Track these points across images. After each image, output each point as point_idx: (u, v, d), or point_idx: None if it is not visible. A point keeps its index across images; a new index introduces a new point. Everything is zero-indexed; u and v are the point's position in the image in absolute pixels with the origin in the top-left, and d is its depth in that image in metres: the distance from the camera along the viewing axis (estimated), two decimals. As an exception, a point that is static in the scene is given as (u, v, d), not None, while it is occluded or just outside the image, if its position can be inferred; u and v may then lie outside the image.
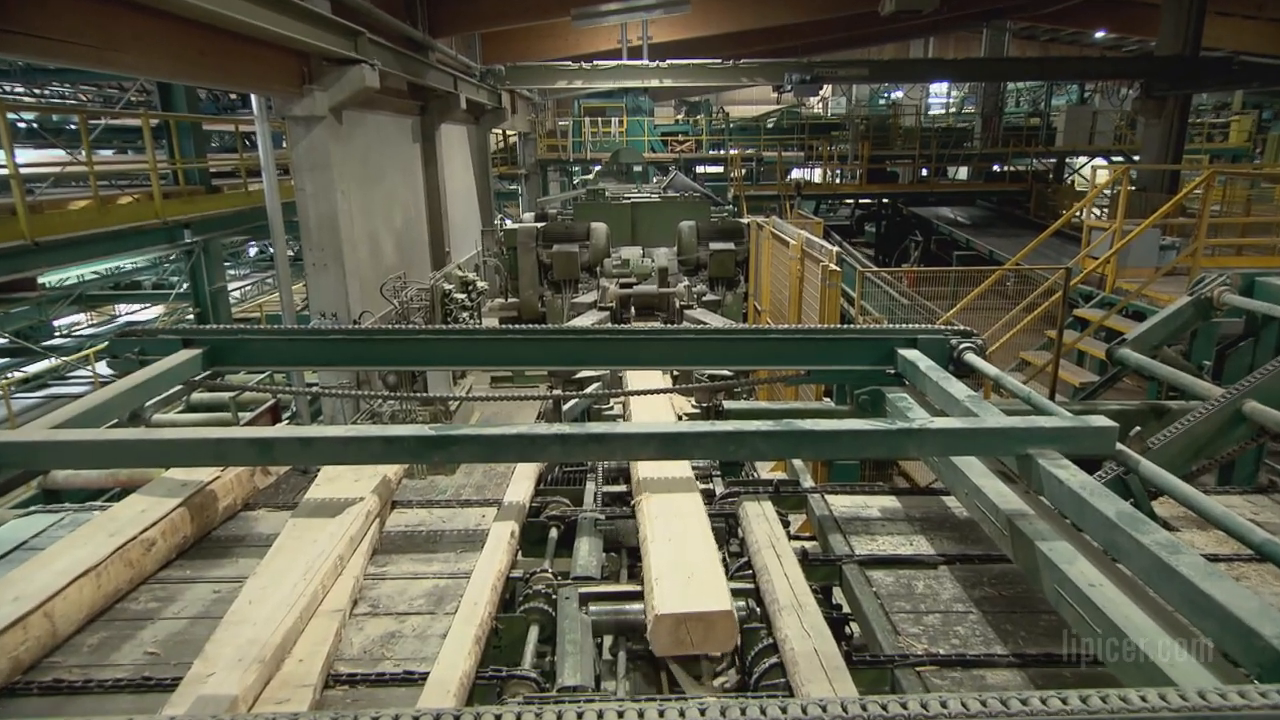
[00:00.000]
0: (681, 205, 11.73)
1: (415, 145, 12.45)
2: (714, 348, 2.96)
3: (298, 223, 8.68)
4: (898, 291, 8.91)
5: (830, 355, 2.92)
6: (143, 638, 2.07)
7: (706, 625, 1.96)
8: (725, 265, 9.89)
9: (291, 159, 8.42)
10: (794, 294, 7.47)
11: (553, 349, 2.95)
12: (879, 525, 2.69)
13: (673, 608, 1.97)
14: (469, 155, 16.57)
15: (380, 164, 10.84)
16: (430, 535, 2.65)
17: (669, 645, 1.96)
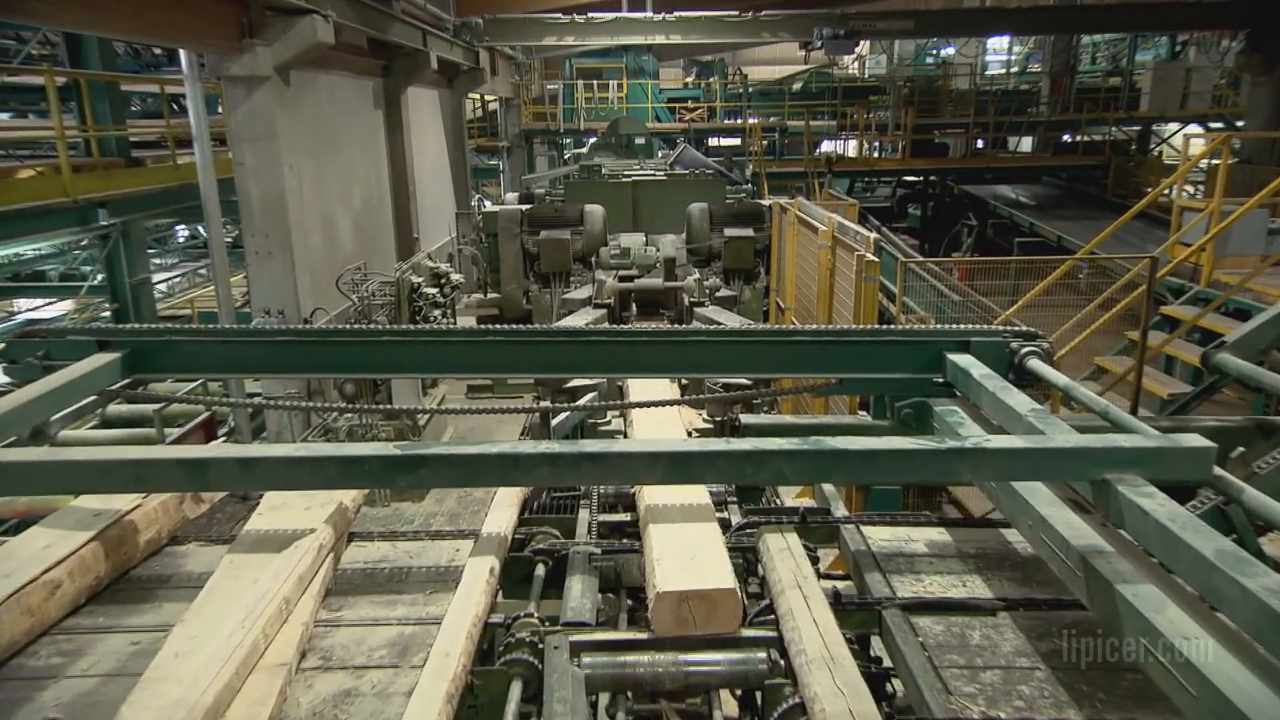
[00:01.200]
0: (691, 184, 11.77)
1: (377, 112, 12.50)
2: (729, 352, 2.96)
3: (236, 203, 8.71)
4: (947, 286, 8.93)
5: (866, 361, 2.92)
6: (43, 700, 2.04)
7: (710, 604, 2.19)
8: (743, 255, 9.91)
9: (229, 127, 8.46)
10: (823, 289, 7.48)
11: (540, 353, 2.95)
12: (926, 563, 2.69)
13: (675, 585, 2.18)
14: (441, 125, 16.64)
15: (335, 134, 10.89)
16: (394, 573, 2.65)
17: (671, 625, 2.18)
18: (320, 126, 10.26)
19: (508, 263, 10.35)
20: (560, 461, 2.21)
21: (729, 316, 6.87)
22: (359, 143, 11.70)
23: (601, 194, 11.20)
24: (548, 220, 10.31)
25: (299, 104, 9.37)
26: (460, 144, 17.48)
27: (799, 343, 2.94)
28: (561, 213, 10.40)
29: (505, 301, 10.50)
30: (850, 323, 6.45)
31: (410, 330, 2.93)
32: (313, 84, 10.03)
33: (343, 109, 11.09)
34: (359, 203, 11.66)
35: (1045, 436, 2.32)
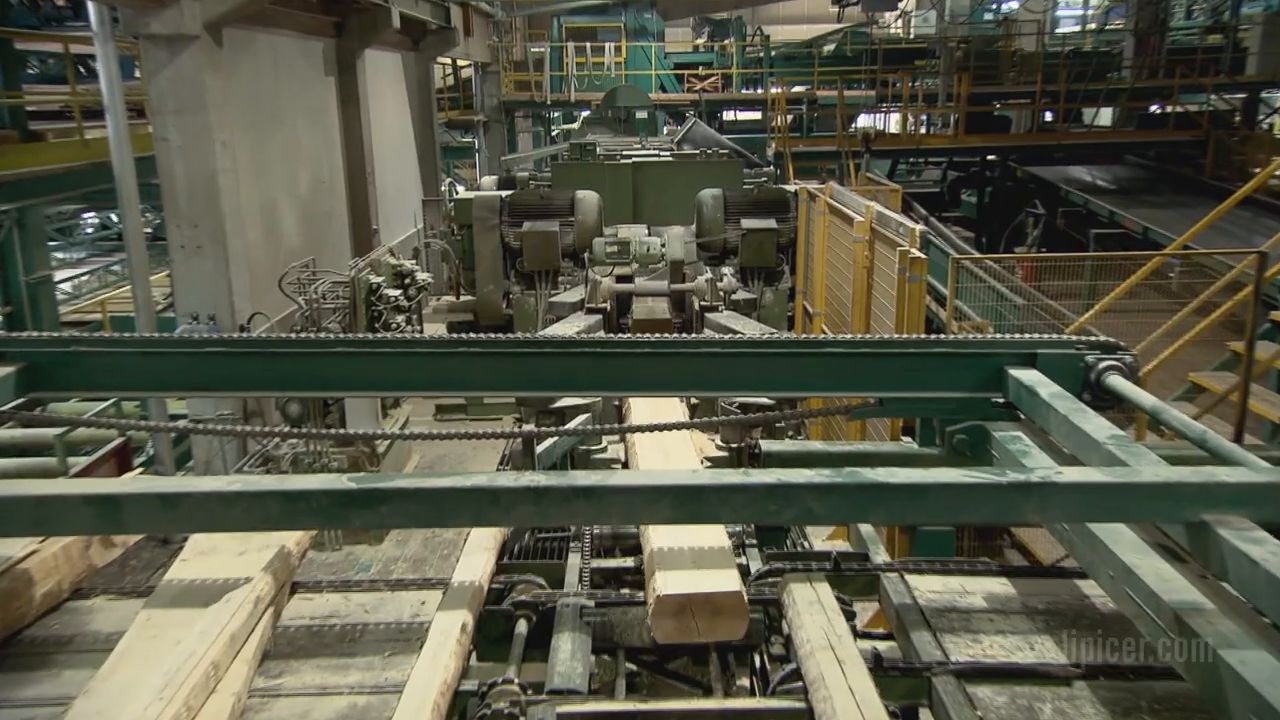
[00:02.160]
0: (703, 166, 11.85)
1: (329, 79, 12.59)
2: (747, 366, 2.96)
3: (158, 186, 8.76)
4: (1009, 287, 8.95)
5: (912, 377, 2.92)
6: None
7: (714, 609, 2.33)
8: (763, 251, 9.96)
9: (149, 96, 8.51)
10: (860, 291, 7.51)
11: (522, 367, 2.95)
12: (985, 620, 2.68)
13: (676, 589, 2.31)
14: (405, 95, 16.76)
15: (278, 104, 10.97)
16: (346, 631, 2.64)
17: (672, 632, 2.32)
18: (260, 96, 10.33)
19: (484, 259, 10.39)
20: (546, 497, 2.21)
21: (747, 324, 6.87)
22: (306, 115, 11.78)
23: (596, 178, 11.27)
24: (532, 209, 10.36)
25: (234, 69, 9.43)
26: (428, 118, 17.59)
27: (830, 355, 2.94)
28: (548, 200, 10.45)
29: (481, 305, 10.54)
30: (892, 331, 6.46)
31: (367, 340, 2.93)
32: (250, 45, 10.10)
33: (287, 75, 11.17)
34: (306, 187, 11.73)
35: (1129, 469, 2.32)
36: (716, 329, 6.66)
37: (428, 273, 10.65)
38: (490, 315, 10.51)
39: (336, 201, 12.84)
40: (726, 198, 10.30)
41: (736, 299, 8.21)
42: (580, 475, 2.24)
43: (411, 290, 9.82)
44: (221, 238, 8.80)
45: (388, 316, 9.24)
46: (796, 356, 2.95)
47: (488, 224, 10.34)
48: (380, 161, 14.22)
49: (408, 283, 9.81)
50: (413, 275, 9.89)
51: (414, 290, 9.86)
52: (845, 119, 20.55)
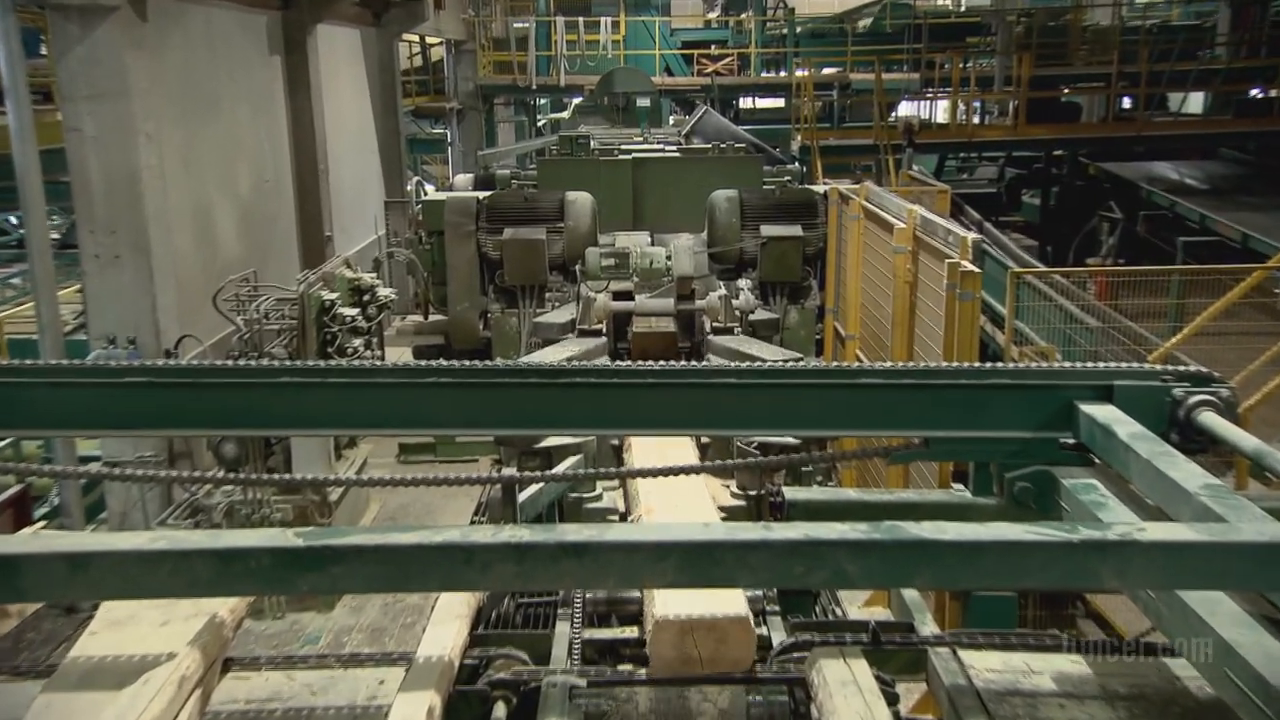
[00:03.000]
0: (716, 163, 11.91)
1: (274, 59, 12.70)
2: (768, 398, 2.96)
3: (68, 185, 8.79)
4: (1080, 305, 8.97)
5: (963, 413, 2.93)
6: None
7: (718, 635, 2.46)
8: (787, 263, 10.00)
9: (58, 78, 8.57)
10: (901, 311, 7.53)
11: (502, 400, 2.96)
12: (1055, 705, 2.66)
13: (677, 611, 2.45)
14: (365, 78, 16.90)
15: (214, 89, 11.05)
16: (289, 717, 2.63)
17: (673, 660, 2.43)
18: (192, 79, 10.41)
19: (458, 272, 10.42)
20: (530, 555, 2.21)
21: (767, 349, 6.90)
22: (248, 102, 11.87)
23: (589, 177, 11.31)
24: (514, 213, 10.41)
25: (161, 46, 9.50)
26: (392, 105, 17.72)
27: (866, 386, 2.94)
28: (533, 203, 10.50)
29: (454, 327, 10.56)
30: (940, 359, 6.46)
31: (319, 368, 2.94)
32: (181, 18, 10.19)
33: (225, 54, 11.26)
34: (248, 187, 11.80)
35: (1227, 525, 2.31)
36: (730, 355, 6.68)
37: (391, 288, 10.69)
38: (465, 338, 10.52)
39: (283, 204, 12.91)
40: (743, 200, 10.35)
41: (755, 319, 8.24)
42: (570, 529, 2.24)
43: (371, 309, 9.85)
44: (145, 246, 8.84)
45: (343, 340, 9.26)
46: (826, 388, 2.96)
47: (462, 230, 10.38)
48: (335, 156, 14.31)
49: (367, 300, 9.84)
50: (373, 291, 9.93)
51: (374, 309, 9.89)
52: (884, 107, 20.69)
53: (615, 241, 10.09)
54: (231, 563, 2.18)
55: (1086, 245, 19.46)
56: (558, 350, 6.86)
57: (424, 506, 10.59)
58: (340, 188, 14.63)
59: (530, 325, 9.34)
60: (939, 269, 6.69)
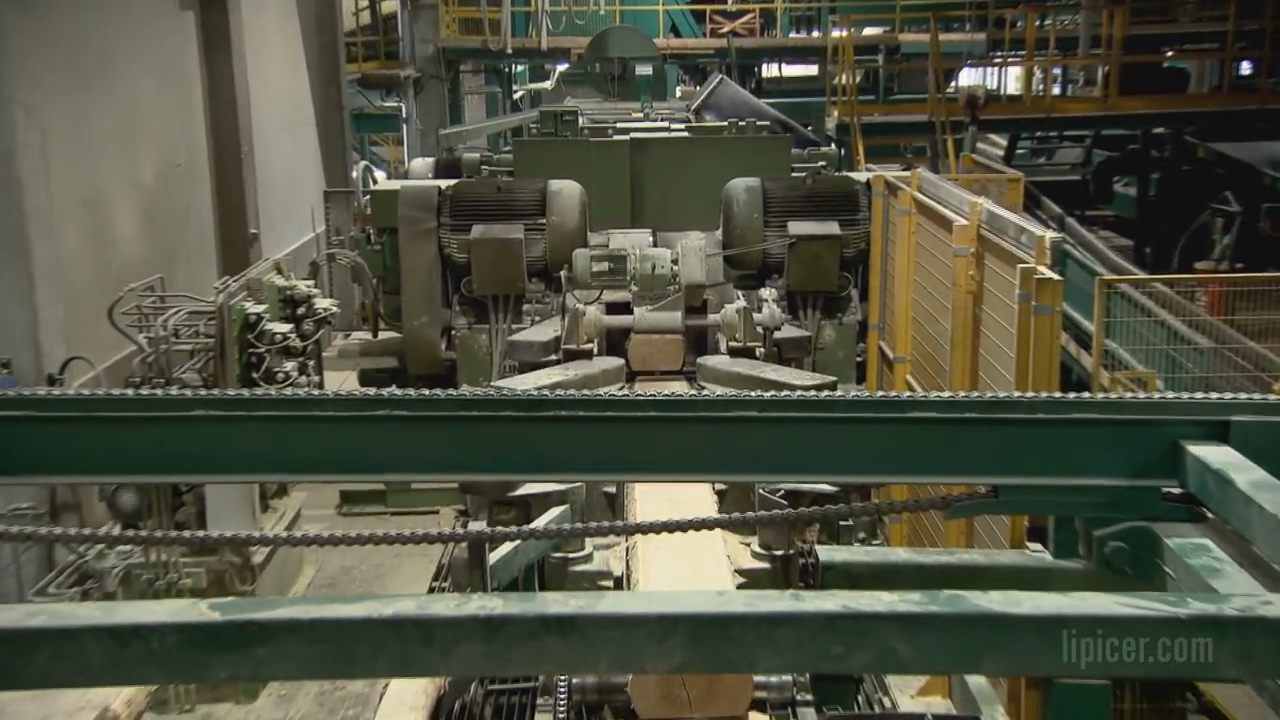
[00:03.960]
0: (733, 146, 11.92)
1: (186, 16, 12.74)
2: (799, 436, 2.96)
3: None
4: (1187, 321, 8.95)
5: (1041, 454, 2.92)
6: None
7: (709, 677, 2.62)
8: (821, 268, 10.02)
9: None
10: (963, 327, 7.53)
11: (470, 437, 2.95)
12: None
13: None
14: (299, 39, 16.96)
15: (111, 54, 11.07)
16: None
17: (657, 704, 2.58)
18: (83, 41, 10.43)
19: (415, 279, 10.43)
20: (504, 631, 2.20)
21: (797, 375, 6.89)
22: (153, 68, 11.90)
23: (578, 162, 11.34)
24: (485, 206, 10.43)
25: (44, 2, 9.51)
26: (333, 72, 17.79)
27: (919, 421, 2.94)
28: (508, 193, 10.53)
29: (410, 347, 10.56)
30: (1011, 387, 6.46)
31: (241, 398, 2.94)
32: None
33: (124, 12, 11.29)
34: (153, 174, 11.81)
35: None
36: (751, 382, 6.66)
37: (331, 299, 10.68)
38: (423, 361, 10.53)
39: (198, 194, 12.93)
40: (767, 191, 10.37)
41: (782, 337, 8.22)
42: (554, 599, 2.23)
43: (307, 324, 9.83)
44: (22, 246, 8.83)
45: (272, 363, 9.27)
46: (870, 423, 2.96)
47: (419, 227, 10.40)
48: (263, 136, 14.34)
49: (302, 313, 9.82)
50: (309, 302, 9.91)
51: (311, 324, 9.87)
52: (941, 75, 20.65)
53: (609, 242, 10.05)
54: (129, 643, 2.16)
55: (1195, 246, 19.19)
56: (538, 376, 6.85)
57: (371, 570, 10.56)
58: (269, 174, 14.66)
59: (504, 344, 9.33)
60: (1009, 276, 6.69)
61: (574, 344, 7.37)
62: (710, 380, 6.97)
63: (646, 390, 6.51)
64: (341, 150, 18.02)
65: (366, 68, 22.62)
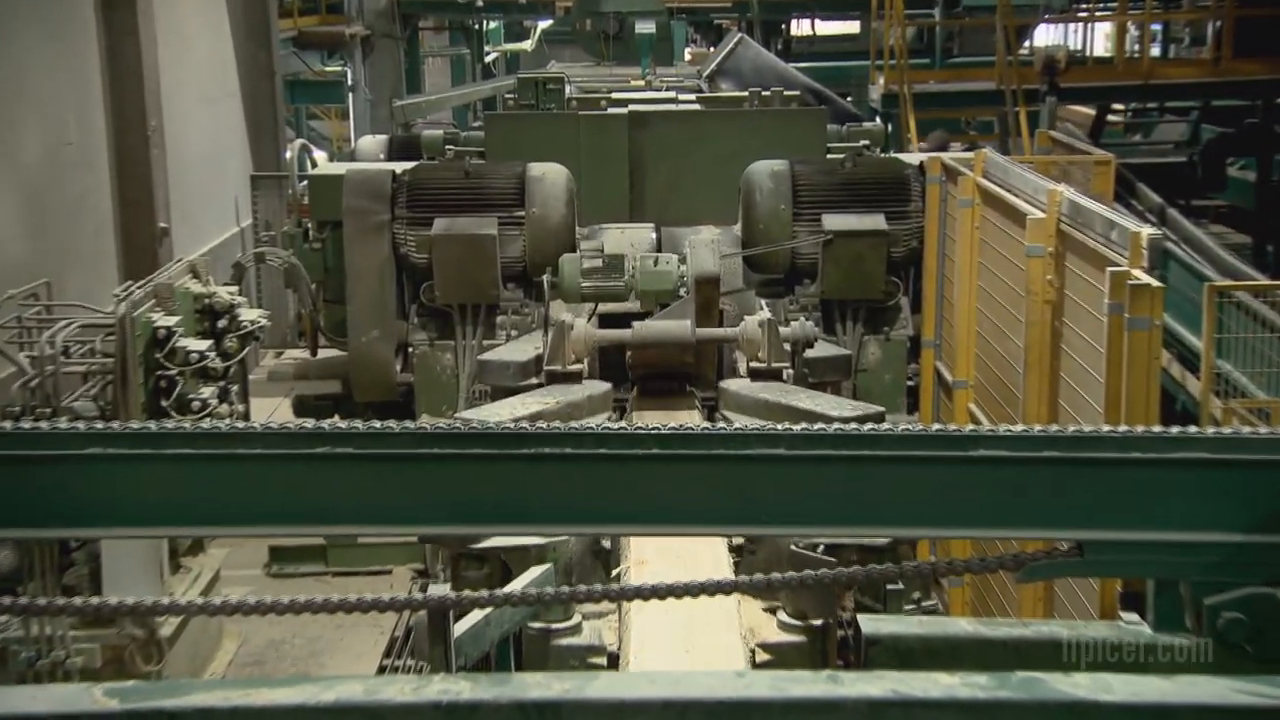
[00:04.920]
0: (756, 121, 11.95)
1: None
2: (836, 478, 2.96)
3: None
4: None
5: (1137, 503, 2.92)
6: None
7: None
8: (863, 271, 10.01)
9: None
10: (1039, 344, 7.51)
11: (431, 480, 2.95)
12: None
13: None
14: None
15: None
16: None
17: None
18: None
19: (363, 285, 10.42)
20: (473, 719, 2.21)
21: (835, 403, 6.88)
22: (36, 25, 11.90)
23: (565, 141, 11.35)
24: (450, 195, 10.43)
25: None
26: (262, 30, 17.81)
27: (986, 461, 2.94)
28: (478, 179, 10.52)
29: (357, 367, 10.55)
30: (1099, 419, 6.45)
31: (147, 432, 2.94)
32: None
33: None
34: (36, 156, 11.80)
35: None
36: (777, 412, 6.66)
37: (260, 309, 10.67)
38: (373, 385, 10.50)
39: (94, 180, 12.93)
40: (797, 177, 10.36)
41: (815, 356, 8.20)
42: (534, 680, 2.23)
43: (230, 341, 9.82)
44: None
45: (186, 388, 9.25)
46: (924, 463, 2.96)
47: (369, 221, 10.39)
48: (175, 109, 14.35)
49: (224, 326, 9.81)
50: (232, 313, 9.90)
51: (235, 340, 9.86)
52: (1013, 34, 20.69)
53: (603, 240, 10.08)
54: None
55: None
56: (513, 404, 6.85)
57: (307, 644, 10.52)
58: (182, 156, 14.67)
59: (473, 365, 9.31)
60: (1097, 282, 6.69)
61: (559, 365, 7.35)
62: (734, 409, 6.95)
63: (648, 421, 6.50)
64: (273, 126, 18.03)
65: (304, 24, 22.65)
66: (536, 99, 12.45)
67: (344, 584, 11.11)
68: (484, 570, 4.55)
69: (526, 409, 6.62)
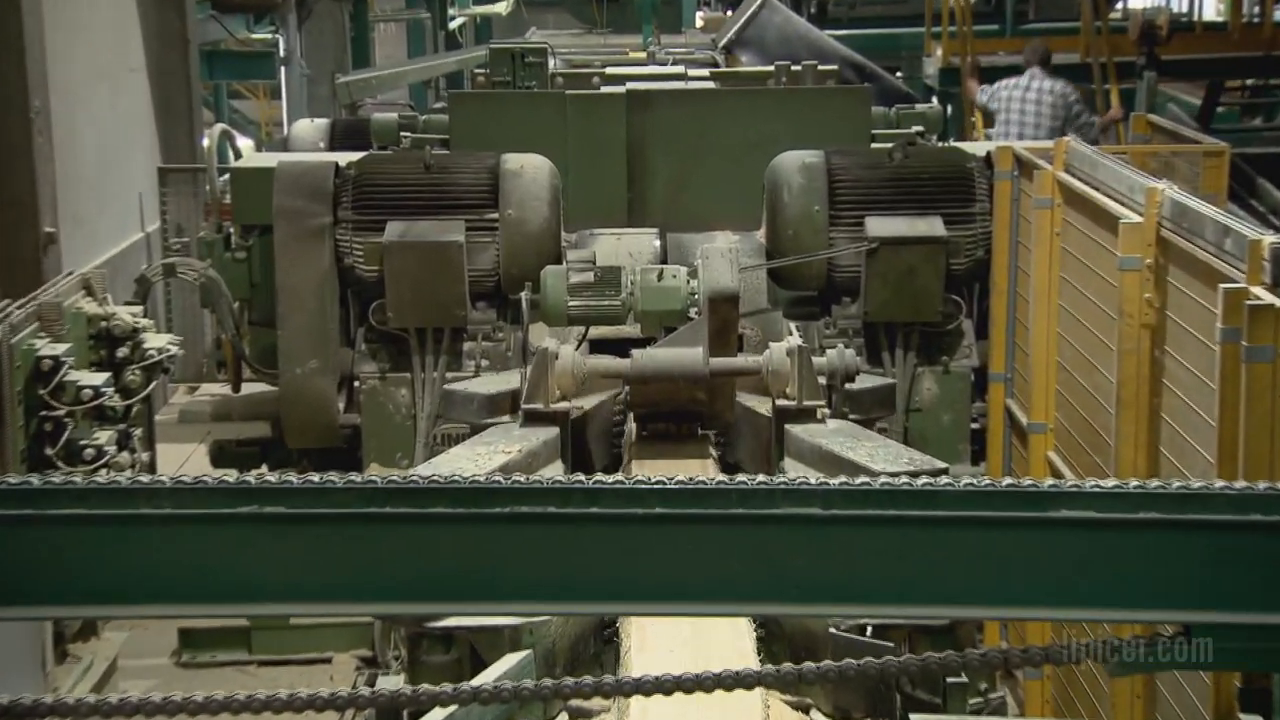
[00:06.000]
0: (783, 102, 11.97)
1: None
2: (883, 545, 2.98)
3: None
4: None
5: (1261, 577, 2.93)
6: None
7: None
8: (917, 287, 10.03)
9: None
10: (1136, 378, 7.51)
11: (383, 546, 2.97)
12: None
13: None
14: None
15: None
16: None
17: None
18: None
19: (298, 304, 10.43)
20: None
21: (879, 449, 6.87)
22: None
23: (548, 126, 11.38)
24: (406, 193, 10.45)
25: None
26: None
27: (1071, 524, 2.95)
28: (442, 173, 10.53)
29: (290, 406, 10.54)
30: (1212, 471, 6.44)
31: (29, 487, 2.94)
32: None
33: None
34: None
35: None
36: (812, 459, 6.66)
37: (170, 335, 10.66)
38: (310, 427, 10.50)
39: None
40: (834, 171, 10.37)
41: (857, 389, 8.18)
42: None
43: (133, 374, 9.82)
44: None
45: (77, 431, 9.26)
46: (994, 527, 2.96)
47: (306, 225, 10.39)
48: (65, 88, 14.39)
49: (125, 355, 9.81)
50: (136, 339, 9.90)
51: (138, 373, 9.86)
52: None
53: (595, 249, 10.09)
54: None
55: None
56: (488, 450, 6.84)
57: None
58: (74, 146, 14.71)
59: (435, 401, 9.31)
60: (1207, 301, 6.69)
61: (540, 402, 7.33)
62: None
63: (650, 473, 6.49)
64: (186, 108, 18.07)
65: (224, -17, 22.73)
66: (513, 75, 12.47)
67: (272, 676, 11.05)
68: (448, 657, 4.56)
69: (501, 456, 6.61)
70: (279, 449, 10.60)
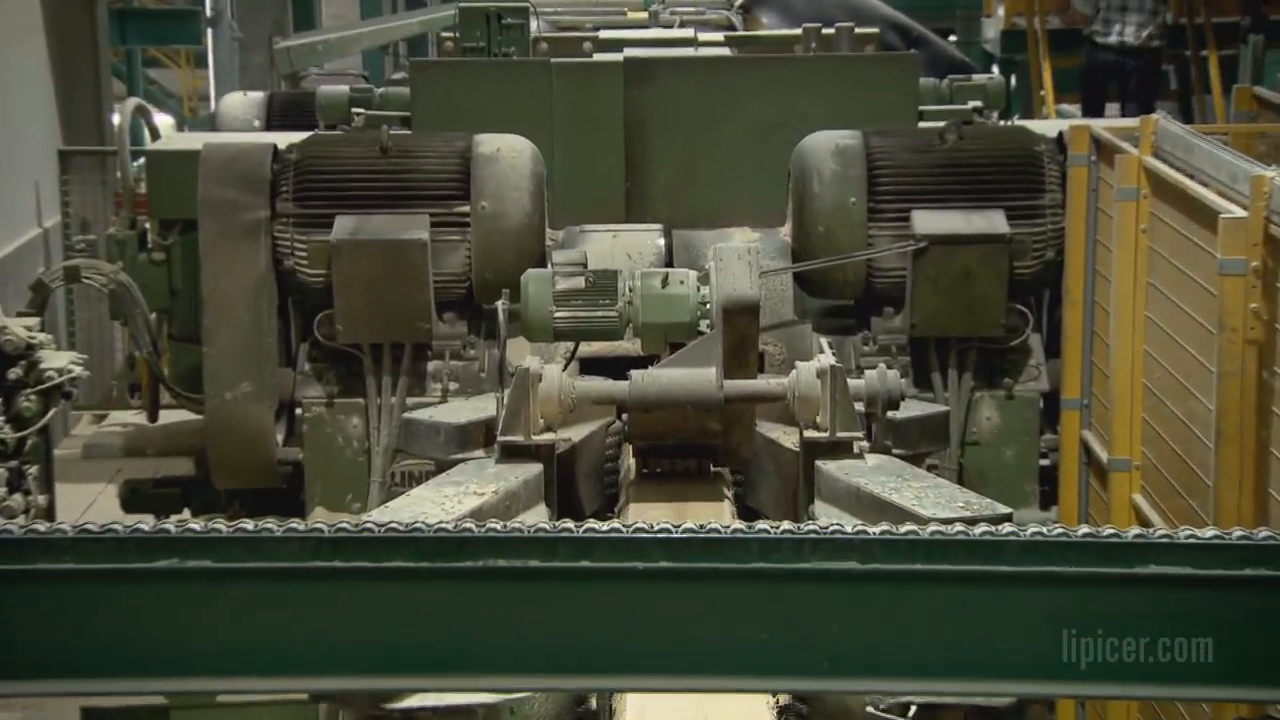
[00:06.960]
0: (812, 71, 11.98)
1: None
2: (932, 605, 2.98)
3: None
4: None
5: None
6: None
7: None
8: (974, 295, 10.03)
9: None
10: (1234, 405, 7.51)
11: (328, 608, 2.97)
12: None
13: None
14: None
15: None
16: None
17: None
18: None
19: (228, 314, 10.44)
20: None
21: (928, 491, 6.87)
22: None
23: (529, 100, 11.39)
24: (358, 181, 10.46)
25: None
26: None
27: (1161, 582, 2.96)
28: (402, 157, 10.55)
29: (219, 437, 10.55)
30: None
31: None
32: None
33: None
34: None
35: None
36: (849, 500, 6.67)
37: (72, 353, 10.69)
38: (242, 464, 10.50)
39: None
40: (874, 155, 10.38)
41: (903, 418, 8.19)
42: None
43: (27, 400, 9.85)
44: None
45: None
46: (1066, 584, 2.96)
47: (238, 221, 10.39)
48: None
49: (18, 377, 9.86)
50: (30, 357, 9.94)
51: (34, 399, 9.90)
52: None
53: (587, 248, 10.09)
54: None
55: None
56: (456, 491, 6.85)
57: None
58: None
59: (395, 430, 9.32)
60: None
61: (520, 433, 7.33)
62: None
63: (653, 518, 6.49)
64: (92, 78, 18.14)
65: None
66: (488, 38, 12.48)
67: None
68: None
69: (473, 499, 6.61)
70: (204, 490, 10.60)
